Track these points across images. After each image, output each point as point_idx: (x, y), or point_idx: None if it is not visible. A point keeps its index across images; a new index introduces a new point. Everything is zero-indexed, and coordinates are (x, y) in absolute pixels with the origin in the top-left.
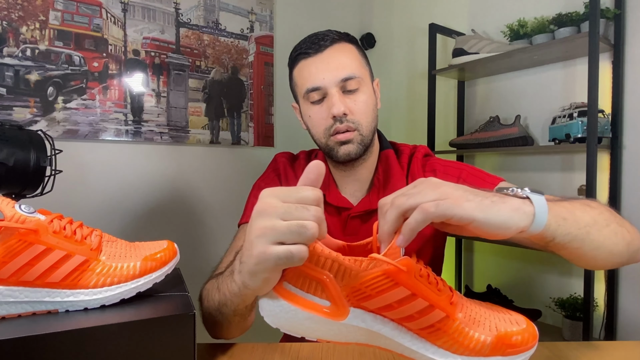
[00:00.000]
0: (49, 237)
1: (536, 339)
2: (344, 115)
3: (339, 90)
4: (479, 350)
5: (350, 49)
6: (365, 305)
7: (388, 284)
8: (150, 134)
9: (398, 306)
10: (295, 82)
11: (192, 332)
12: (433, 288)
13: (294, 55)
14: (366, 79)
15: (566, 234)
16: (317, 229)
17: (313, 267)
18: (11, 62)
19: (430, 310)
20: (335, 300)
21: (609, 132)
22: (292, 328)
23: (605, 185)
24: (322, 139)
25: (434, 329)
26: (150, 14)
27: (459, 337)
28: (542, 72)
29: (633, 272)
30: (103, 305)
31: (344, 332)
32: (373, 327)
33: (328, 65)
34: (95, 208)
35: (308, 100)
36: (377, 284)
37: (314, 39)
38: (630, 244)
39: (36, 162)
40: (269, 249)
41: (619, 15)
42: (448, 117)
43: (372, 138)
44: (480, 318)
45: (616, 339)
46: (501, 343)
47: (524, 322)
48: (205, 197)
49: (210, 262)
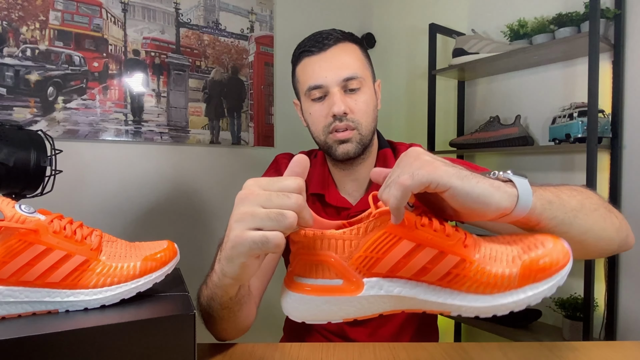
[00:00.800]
0: (49, 237)
1: (568, 255)
2: (344, 115)
3: (341, 89)
4: (508, 285)
5: (353, 49)
6: (376, 271)
7: (391, 241)
8: (151, 134)
9: (407, 261)
10: (297, 79)
11: (192, 332)
12: (440, 234)
13: (298, 53)
14: (368, 79)
15: (552, 217)
16: (296, 217)
17: (314, 252)
18: (11, 62)
19: (442, 258)
20: (345, 276)
21: (609, 132)
22: (315, 316)
23: (605, 185)
24: (321, 136)
25: (452, 276)
26: (150, 14)
27: (483, 278)
28: (542, 72)
29: (633, 272)
30: (103, 305)
31: (365, 305)
32: (392, 291)
33: (331, 64)
34: (95, 208)
35: (309, 97)
36: (380, 245)
37: (318, 38)
38: (619, 229)
39: (36, 162)
40: (245, 234)
41: (619, 15)
42: (448, 117)
43: (371, 138)
44: (499, 254)
45: (616, 339)
46: (529, 271)
47: (550, 242)
48: (205, 197)
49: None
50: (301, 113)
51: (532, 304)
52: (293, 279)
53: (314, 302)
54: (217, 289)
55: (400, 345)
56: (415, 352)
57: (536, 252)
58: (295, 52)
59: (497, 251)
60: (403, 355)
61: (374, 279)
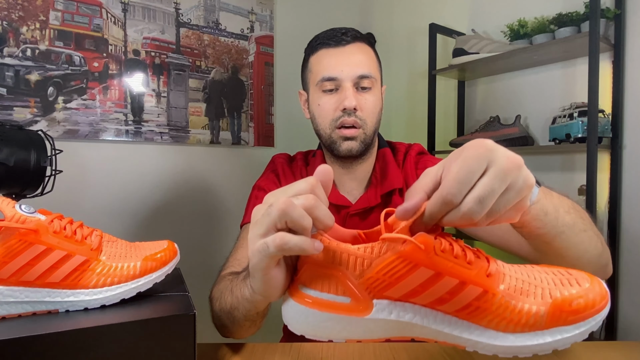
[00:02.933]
0: (49, 237)
1: (605, 298)
2: (354, 110)
3: (353, 85)
4: (534, 324)
5: (369, 50)
6: (388, 295)
7: (406, 268)
8: (151, 134)
9: (424, 290)
10: (310, 69)
11: (192, 332)
12: (461, 262)
13: (315, 44)
14: (378, 82)
15: (541, 227)
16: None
17: (324, 264)
18: (11, 62)
19: (463, 288)
20: (354, 295)
21: (609, 132)
22: (316, 332)
23: (605, 185)
24: (327, 130)
25: (473, 308)
26: (150, 14)
27: (506, 313)
28: (542, 72)
29: (633, 272)
30: (103, 305)
31: (371, 327)
32: (403, 317)
33: (348, 60)
34: (95, 208)
35: (320, 88)
36: (394, 270)
37: (337, 33)
38: (601, 256)
39: (36, 162)
40: (253, 246)
41: (619, 15)
42: (448, 117)
43: (373, 138)
44: (528, 287)
45: (616, 339)
46: (559, 311)
47: (587, 281)
48: (205, 197)
49: (210, 262)
50: (306, 105)
51: (559, 349)
52: (298, 288)
53: (316, 317)
54: (247, 302)
55: (400, 345)
56: (416, 352)
57: (569, 291)
58: (312, 43)
59: (524, 282)
60: (403, 356)
61: (385, 301)
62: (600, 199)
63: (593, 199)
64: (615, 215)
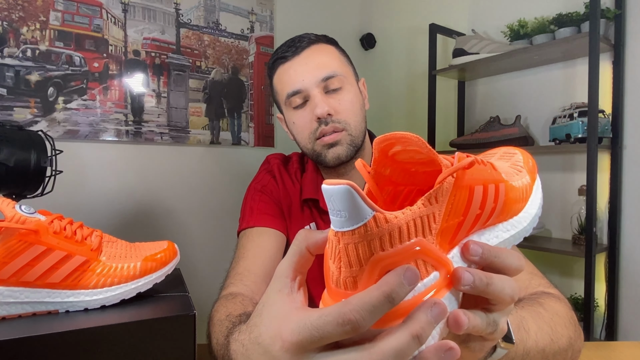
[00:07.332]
0: (50, 237)
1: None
2: (328, 116)
3: (321, 90)
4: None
5: (329, 49)
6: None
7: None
8: (151, 135)
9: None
10: (276, 90)
11: (192, 332)
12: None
13: (272, 62)
14: (350, 78)
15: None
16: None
17: (392, 252)
18: (12, 62)
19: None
20: (440, 262)
21: (610, 132)
22: None
23: (605, 185)
24: (308, 145)
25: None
26: (150, 15)
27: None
28: (542, 72)
29: (634, 272)
30: (103, 305)
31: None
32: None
33: (307, 66)
34: (95, 208)
35: (290, 106)
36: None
37: (290, 43)
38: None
39: (36, 162)
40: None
41: (619, 15)
42: (448, 118)
43: (362, 139)
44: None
45: (617, 339)
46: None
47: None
48: (205, 197)
49: (210, 263)
50: (286, 126)
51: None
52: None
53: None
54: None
55: None
56: None
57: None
58: (269, 63)
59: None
60: None
61: (455, 250)
62: (600, 199)
63: (593, 199)
64: (615, 215)
